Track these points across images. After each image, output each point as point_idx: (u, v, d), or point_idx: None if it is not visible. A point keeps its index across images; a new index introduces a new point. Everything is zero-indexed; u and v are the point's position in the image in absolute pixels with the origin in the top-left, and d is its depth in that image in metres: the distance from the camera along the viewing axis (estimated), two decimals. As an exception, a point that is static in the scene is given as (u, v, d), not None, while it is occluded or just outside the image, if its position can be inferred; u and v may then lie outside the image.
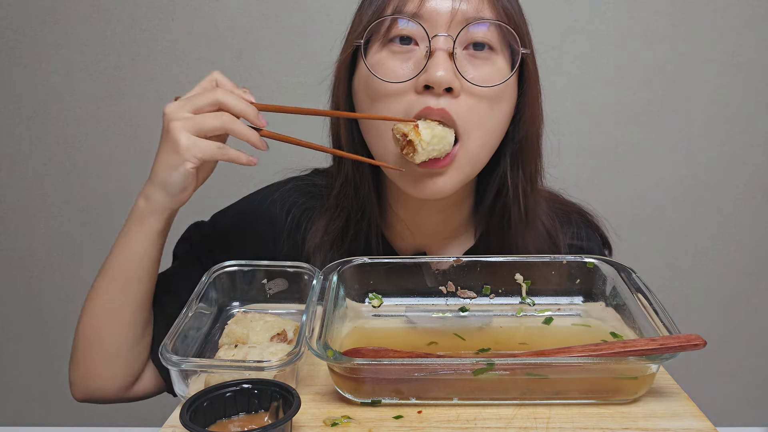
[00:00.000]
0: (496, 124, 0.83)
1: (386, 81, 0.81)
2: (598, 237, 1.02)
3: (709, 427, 0.66)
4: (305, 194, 0.99)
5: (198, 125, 0.78)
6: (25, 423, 1.86)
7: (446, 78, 0.77)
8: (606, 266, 0.87)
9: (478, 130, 0.82)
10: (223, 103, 0.79)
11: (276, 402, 0.65)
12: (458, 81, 0.79)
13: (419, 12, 0.79)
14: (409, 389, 0.69)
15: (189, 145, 0.78)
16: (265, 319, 0.79)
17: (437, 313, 0.87)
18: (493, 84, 0.80)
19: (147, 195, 0.84)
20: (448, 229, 0.96)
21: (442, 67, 0.77)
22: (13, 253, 1.74)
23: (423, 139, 0.78)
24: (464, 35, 0.80)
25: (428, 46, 0.79)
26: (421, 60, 0.79)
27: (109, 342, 0.86)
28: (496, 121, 0.83)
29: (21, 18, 1.60)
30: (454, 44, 0.79)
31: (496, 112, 0.82)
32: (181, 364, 0.68)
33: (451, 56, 0.79)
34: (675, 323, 0.73)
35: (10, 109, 1.65)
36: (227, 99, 0.80)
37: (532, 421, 0.67)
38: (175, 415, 0.70)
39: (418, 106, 0.80)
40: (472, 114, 0.81)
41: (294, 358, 0.68)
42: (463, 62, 0.80)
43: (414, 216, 0.93)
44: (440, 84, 0.78)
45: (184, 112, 0.79)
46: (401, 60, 0.81)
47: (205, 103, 0.79)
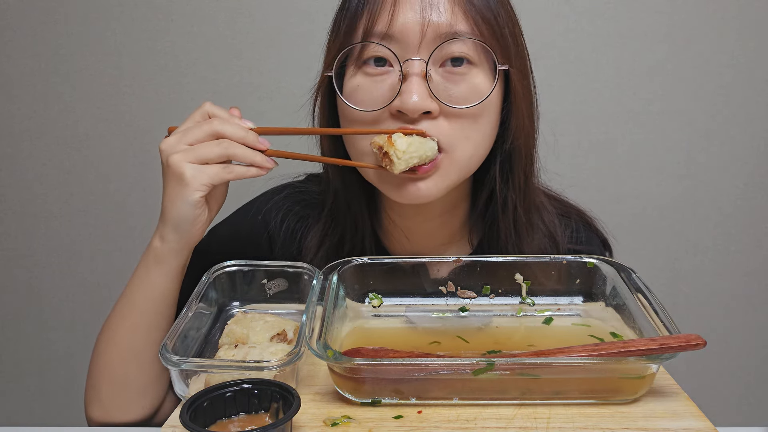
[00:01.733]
0: (482, 137, 0.81)
1: (359, 110, 0.79)
2: (597, 239, 1.02)
3: (709, 427, 0.66)
4: (299, 202, 0.99)
5: (199, 155, 0.76)
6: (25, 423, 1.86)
7: (420, 104, 0.75)
8: (606, 266, 0.87)
9: (463, 143, 0.80)
10: (221, 133, 0.77)
11: (276, 403, 0.65)
12: (434, 104, 0.76)
13: (389, 32, 0.76)
14: (409, 389, 0.69)
15: (194, 173, 0.76)
16: (265, 319, 0.79)
17: (437, 313, 0.87)
18: (471, 104, 0.77)
19: (162, 235, 0.80)
20: (443, 235, 0.94)
21: (416, 93, 0.75)
22: (13, 253, 1.74)
23: (398, 149, 0.76)
24: (438, 53, 0.76)
25: (400, 70, 0.76)
26: (395, 83, 0.77)
27: (135, 382, 0.83)
28: (481, 133, 0.81)
29: (21, 18, 1.60)
30: (427, 66, 0.76)
31: (481, 125, 0.80)
32: (181, 364, 0.68)
33: (425, 78, 0.76)
34: (675, 323, 0.73)
35: (10, 109, 1.65)
36: (225, 128, 0.77)
37: (532, 421, 0.67)
38: (175, 415, 0.70)
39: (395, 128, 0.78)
40: (455, 131, 0.79)
41: (294, 358, 0.68)
42: (438, 83, 0.77)
43: (409, 222, 0.92)
44: (414, 111, 0.76)
45: (182, 145, 0.77)
46: (376, 82, 0.78)
47: (202, 134, 0.77)
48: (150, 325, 0.82)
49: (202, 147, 0.76)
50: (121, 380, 0.82)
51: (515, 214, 0.88)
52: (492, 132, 0.83)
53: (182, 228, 0.79)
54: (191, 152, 0.76)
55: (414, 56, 0.76)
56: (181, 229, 0.79)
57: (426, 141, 0.78)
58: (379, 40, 0.77)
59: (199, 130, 0.77)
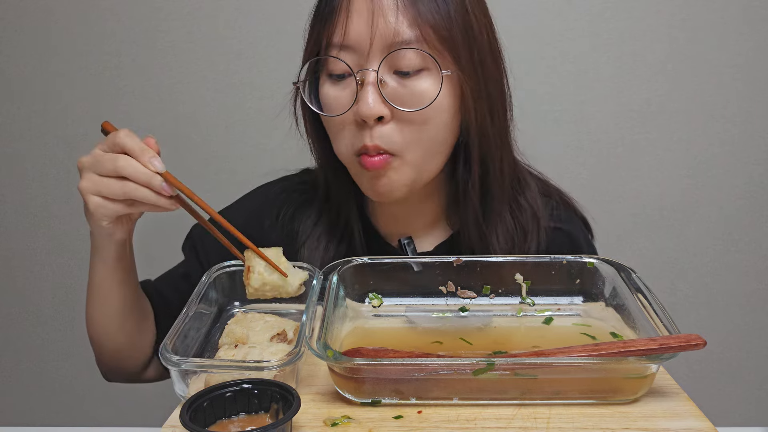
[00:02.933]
0: (432, 138, 0.85)
1: (326, 115, 0.86)
2: (577, 218, 1.04)
3: (709, 427, 0.66)
4: (296, 191, 1.04)
5: (103, 190, 0.78)
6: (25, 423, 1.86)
7: (375, 110, 0.81)
8: (606, 266, 0.87)
9: (413, 146, 0.85)
10: (124, 174, 0.78)
11: (276, 404, 0.65)
12: (387, 109, 0.82)
13: (345, 42, 0.82)
14: (409, 389, 0.69)
15: (96, 206, 0.79)
16: (265, 319, 0.79)
17: (437, 313, 0.87)
18: (417, 108, 0.82)
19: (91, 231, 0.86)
20: (426, 218, 0.99)
21: (371, 99, 0.81)
22: (13, 253, 1.74)
23: (251, 283, 0.80)
24: (389, 61, 0.81)
25: (355, 80, 0.82)
26: (355, 91, 0.82)
27: (107, 342, 0.95)
28: (431, 135, 0.85)
29: (21, 18, 1.60)
30: (377, 74, 0.81)
31: (432, 126, 0.84)
32: (181, 364, 0.68)
33: (379, 85, 0.81)
34: (675, 323, 0.73)
35: (10, 109, 1.65)
36: (128, 170, 0.77)
37: (532, 421, 0.67)
38: (175, 415, 0.70)
39: (358, 142, 0.84)
40: (405, 136, 0.84)
41: (294, 359, 0.68)
42: (392, 89, 0.82)
43: (391, 207, 0.97)
44: (370, 117, 0.81)
45: (91, 173, 0.79)
46: (341, 88, 0.84)
47: (107, 170, 0.78)
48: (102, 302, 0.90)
49: (105, 184, 0.78)
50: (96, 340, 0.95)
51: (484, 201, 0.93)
52: (446, 131, 0.86)
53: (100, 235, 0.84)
54: (96, 185, 0.78)
55: (366, 65, 0.81)
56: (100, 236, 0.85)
57: (285, 282, 0.81)
58: (338, 51, 0.83)
59: (106, 164, 0.78)
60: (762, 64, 1.58)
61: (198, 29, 1.58)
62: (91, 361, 1.02)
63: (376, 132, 0.83)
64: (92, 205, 0.79)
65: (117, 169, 0.77)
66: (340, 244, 0.98)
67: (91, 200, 0.79)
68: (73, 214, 1.71)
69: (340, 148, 0.88)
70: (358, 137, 0.84)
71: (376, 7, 0.80)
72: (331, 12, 0.83)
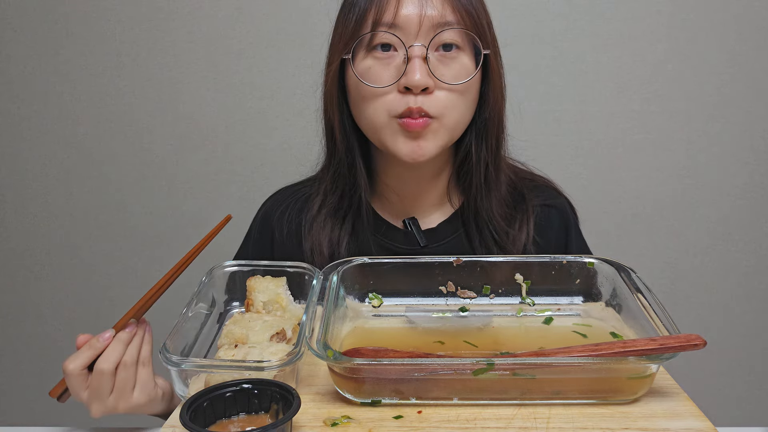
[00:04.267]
0: (466, 108, 0.96)
1: (373, 86, 0.94)
2: (564, 199, 1.10)
3: (709, 427, 0.66)
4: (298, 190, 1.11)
5: (115, 406, 0.81)
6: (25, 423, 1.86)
7: (422, 81, 0.91)
8: (606, 266, 0.87)
9: (452, 112, 0.94)
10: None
11: (276, 405, 0.65)
12: (432, 81, 0.92)
13: (395, 21, 0.92)
14: (409, 389, 0.69)
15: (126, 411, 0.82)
16: (264, 319, 0.79)
17: (437, 313, 0.87)
18: (461, 81, 0.93)
19: None
20: (432, 197, 1.05)
21: (419, 72, 0.91)
22: (13, 253, 1.74)
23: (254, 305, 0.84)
24: (434, 40, 0.92)
25: (405, 54, 0.92)
26: (400, 65, 0.92)
27: None
28: (465, 105, 0.96)
29: (21, 18, 1.60)
30: (427, 50, 0.91)
31: (466, 98, 0.95)
32: (181, 364, 0.68)
33: (425, 60, 0.91)
34: (675, 323, 0.73)
35: (10, 109, 1.65)
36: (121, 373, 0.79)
37: (532, 421, 0.67)
38: (175, 415, 0.70)
39: (400, 106, 0.92)
40: (446, 104, 0.94)
41: (294, 358, 0.68)
42: (435, 64, 0.93)
43: (402, 185, 1.04)
44: (417, 86, 0.91)
45: (96, 401, 0.81)
46: (384, 65, 0.93)
47: (109, 387, 0.80)
48: None
49: (112, 401, 0.80)
50: None
51: (486, 171, 1.02)
52: (473, 104, 0.98)
53: (143, 410, 0.84)
54: (107, 407, 0.81)
55: (415, 42, 0.92)
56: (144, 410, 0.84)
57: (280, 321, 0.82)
58: (387, 29, 0.92)
59: (106, 385, 0.80)
60: (762, 64, 1.58)
61: (198, 29, 1.58)
62: (91, 361, 1.02)
63: (420, 98, 0.92)
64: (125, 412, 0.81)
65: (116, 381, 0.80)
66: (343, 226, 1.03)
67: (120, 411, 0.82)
68: (73, 214, 1.71)
69: (377, 114, 0.95)
70: (401, 102, 0.93)
71: None
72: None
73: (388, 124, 0.94)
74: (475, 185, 1.02)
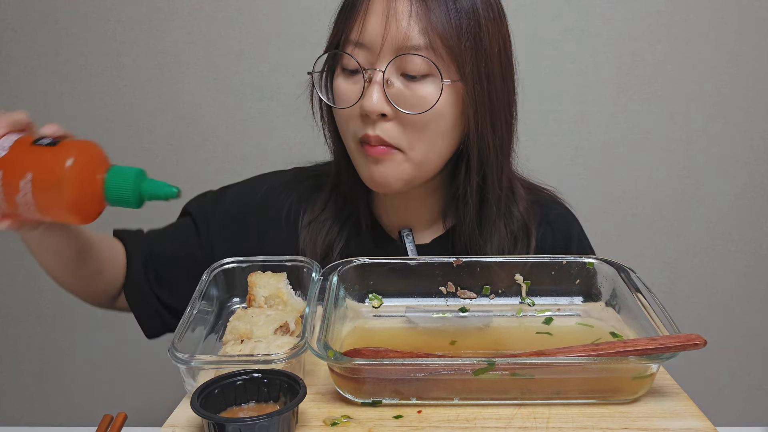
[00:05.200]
0: (431, 141, 0.88)
1: (336, 107, 0.90)
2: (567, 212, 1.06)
3: (709, 427, 0.66)
4: (308, 178, 1.07)
5: None
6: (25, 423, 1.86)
7: (377, 107, 0.85)
8: (606, 266, 0.87)
9: (417, 145, 0.88)
10: None
11: (284, 397, 0.66)
12: (389, 108, 0.85)
13: (360, 40, 0.86)
14: (409, 389, 0.69)
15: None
16: (266, 313, 0.80)
17: (437, 313, 0.87)
18: (417, 112, 0.85)
19: None
20: (427, 213, 1.01)
21: (375, 97, 0.85)
22: (13, 253, 1.74)
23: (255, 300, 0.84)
24: (397, 63, 0.85)
25: (363, 77, 0.86)
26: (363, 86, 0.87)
27: (61, 284, 1.03)
28: (435, 133, 0.88)
29: (21, 18, 1.60)
30: (384, 74, 0.85)
31: (431, 130, 0.87)
32: (190, 361, 0.69)
33: (385, 84, 0.85)
34: (675, 323, 0.73)
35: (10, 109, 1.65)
36: None
37: (532, 421, 0.67)
38: (176, 415, 0.70)
39: (361, 131, 0.88)
40: (407, 134, 0.87)
41: (300, 351, 0.69)
42: (396, 89, 0.85)
43: (392, 200, 1.00)
44: (371, 112, 0.86)
45: None
46: (353, 82, 0.88)
47: None
48: (40, 262, 0.96)
49: None
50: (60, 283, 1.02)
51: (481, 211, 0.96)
52: (445, 137, 0.89)
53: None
54: None
55: (376, 64, 0.86)
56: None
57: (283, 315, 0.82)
58: (353, 48, 0.87)
59: None
60: (762, 64, 1.58)
61: (198, 29, 1.58)
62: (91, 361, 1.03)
63: (378, 126, 0.87)
64: None
65: None
66: (342, 230, 1.01)
67: None
68: (73, 214, 1.71)
69: (347, 138, 0.92)
70: (361, 128, 0.88)
71: (391, 11, 0.84)
72: (352, 10, 0.88)
73: (355, 149, 0.91)
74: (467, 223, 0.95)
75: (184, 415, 0.70)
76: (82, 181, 0.75)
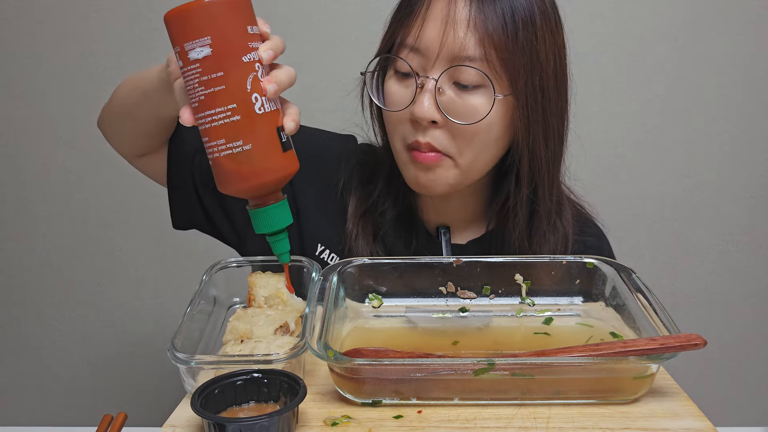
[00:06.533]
0: (485, 145, 0.89)
1: (387, 109, 0.90)
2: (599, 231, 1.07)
3: (709, 427, 0.66)
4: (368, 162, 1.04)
5: None
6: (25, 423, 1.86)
7: (428, 114, 0.85)
8: (606, 266, 0.87)
9: (466, 152, 0.88)
10: None
11: (285, 397, 0.66)
12: (440, 116, 0.85)
13: (416, 45, 0.86)
14: (409, 389, 0.70)
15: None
16: (266, 313, 0.80)
17: (437, 313, 0.87)
18: (467, 122, 0.85)
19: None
20: (466, 213, 1.01)
21: (426, 104, 0.85)
22: (13, 253, 1.74)
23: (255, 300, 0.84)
24: (450, 72, 0.85)
25: (416, 83, 0.86)
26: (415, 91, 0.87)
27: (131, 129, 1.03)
28: (484, 142, 0.88)
29: (21, 18, 1.60)
30: (437, 83, 0.85)
31: (483, 136, 0.87)
32: (190, 361, 0.69)
33: (437, 92, 0.85)
34: (675, 323, 0.73)
35: (10, 109, 1.65)
36: None
37: (532, 421, 0.67)
38: (176, 415, 0.70)
39: (411, 137, 0.88)
40: (456, 142, 0.87)
41: (300, 351, 0.69)
42: (448, 98, 0.85)
43: (432, 198, 0.99)
44: (422, 119, 0.86)
45: None
46: (405, 86, 0.88)
47: None
48: (142, 98, 0.95)
49: None
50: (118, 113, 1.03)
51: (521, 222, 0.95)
52: (498, 141, 0.89)
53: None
54: None
55: (430, 71, 0.85)
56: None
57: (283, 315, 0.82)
58: (408, 52, 0.87)
59: None
60: (762, 64, 1.58)
61: (198, 29, 1.58)
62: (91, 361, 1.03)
63: (429, 133, 0.87)
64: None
65: None
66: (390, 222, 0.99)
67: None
68: (73, 214, 1.71)
69: (395, 140, 0.92)
70: (412, 133, 0.88)
71: (450, 19, 0.84)
72: (410, 14, 0.88)
73: (402, 151, 0.91)
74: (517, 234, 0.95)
75: (184, 415, 0.70)
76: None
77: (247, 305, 0.85)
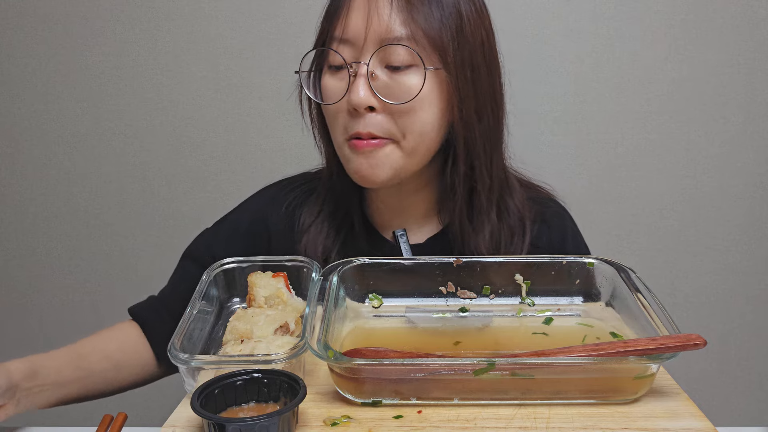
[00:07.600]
0: (420, 129, 0.89)
1: (324, 103, 0.92)
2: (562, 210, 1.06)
3: (709, 427, 0.66)
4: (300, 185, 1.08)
5: None
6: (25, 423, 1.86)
7: (364, 100, 0.86)
8: (606, 266, 0.87)
9: (408, 131, 0.89)
10: None
11: (285, 397, 0.66)
12: (376, 100, 0.87)
13: (343, 36, 0.88)
14: (409, 389, 0.70)
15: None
16: (266, 313, 0.80)
17: (437, 313, 0.87)
18: (401, 102, 0.86)
19: None
20: (419, 212, 1.01)
21: (361, 90, 0.86)
22: (13, 253, 1.74)
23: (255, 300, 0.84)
24: (381, 55, 0.87)
25: (348, 72, 0.88)
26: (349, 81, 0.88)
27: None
28: (423, 121, 0.89)
29: (21, 18, 1.60)
30: (368, 67, 0.86)
31: (421, 116, 0.88)
32: (190, 361, 0.69)
33: (371, 78, 0.86)
34: (675, 323, 0.73)
35: (10, 109, 1.65)
36: None
37: (532, 421, 0.67)
38: (176, 415, 0.70)
39: (352, 128, 0.89)
40: (397, 124, 0.88)
41: (300, 351, 0.69)
42: (384, 81, 0.87)
43: (385, 195, 1.00)
44: (359, 106, 0.87)
45: None
46: (339, 78, 0.90)
47: None
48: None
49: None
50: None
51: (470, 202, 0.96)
52: (436, 122, 0.90)
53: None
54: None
55: (360, 58, 0.87)
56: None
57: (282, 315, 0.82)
58: (337, 44, 0.89)
59: None
60: (762, 64, 1.58)
61: (198, 29, 1.58)
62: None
63: (369, 121, 0.88)
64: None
65: None
66: (338, 233, 1.01)
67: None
68: (73, 214, 1.71)
69: (336, 134, 0.93)
70: (351, 124, 0.89)
71: (372, 6, 0.86)
72: (335, 8, 0.91)
73: (344, 144, 0.91)
74: (458, 214, 0.96)
75: (184, 415, 0.70)
76: None
77: (247, 305, 0.85)
